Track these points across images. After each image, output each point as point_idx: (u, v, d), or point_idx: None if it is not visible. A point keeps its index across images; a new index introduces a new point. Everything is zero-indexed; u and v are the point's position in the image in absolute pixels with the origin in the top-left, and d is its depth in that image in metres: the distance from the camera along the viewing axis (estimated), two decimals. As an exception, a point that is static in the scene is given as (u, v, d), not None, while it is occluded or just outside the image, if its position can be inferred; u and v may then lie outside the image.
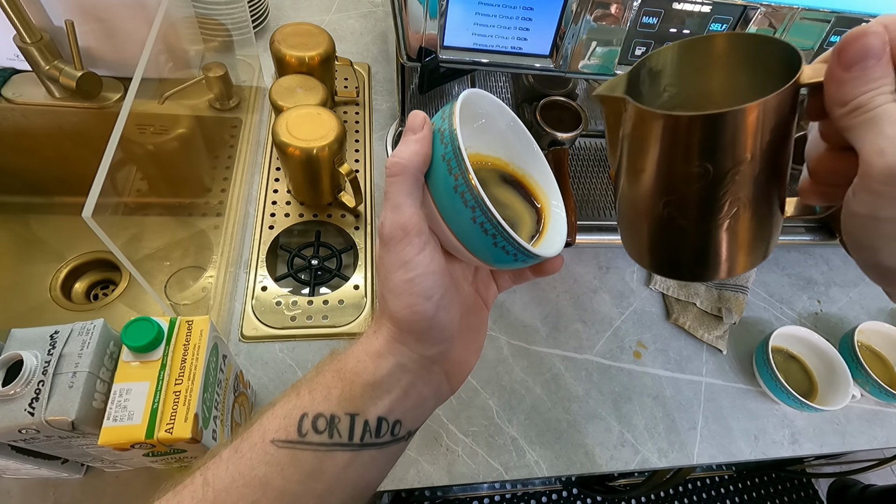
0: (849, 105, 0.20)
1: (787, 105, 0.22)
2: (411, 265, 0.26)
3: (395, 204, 0.26)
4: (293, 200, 0.69)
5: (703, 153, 0.22)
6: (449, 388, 0.31)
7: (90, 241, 0.80)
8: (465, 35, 0.41)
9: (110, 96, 0.73)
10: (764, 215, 0.24)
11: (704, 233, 0.24)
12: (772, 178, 0.23)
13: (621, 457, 0.57)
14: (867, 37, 0.20)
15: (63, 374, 0.35)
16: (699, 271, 0.26)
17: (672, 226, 0.25)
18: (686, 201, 0.24)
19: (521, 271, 0.31)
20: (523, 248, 0.25)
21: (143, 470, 0.49)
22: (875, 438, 0.64)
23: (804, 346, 0.67)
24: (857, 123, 0.20)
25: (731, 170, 0.22)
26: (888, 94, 0.20)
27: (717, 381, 0.65)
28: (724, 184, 0.22)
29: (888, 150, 0.19)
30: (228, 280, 0.61)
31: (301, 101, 0.66)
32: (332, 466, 0.26)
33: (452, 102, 0.26)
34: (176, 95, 0.66)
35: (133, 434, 0.34)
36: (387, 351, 0.27)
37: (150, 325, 0.37)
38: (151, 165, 0.63)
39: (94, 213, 0.33)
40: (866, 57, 0.20)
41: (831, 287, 0.76)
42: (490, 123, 0.30)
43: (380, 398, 0.27)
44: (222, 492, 0.25)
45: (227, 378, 0.44)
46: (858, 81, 0.20)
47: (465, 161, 0.24)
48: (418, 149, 0.25)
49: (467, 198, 0.24)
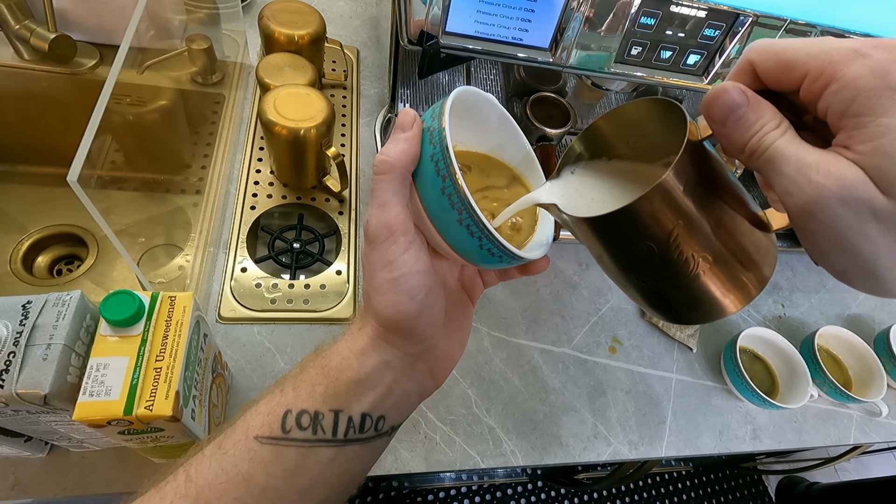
0: (745, 152, 0.20)
1: (689, 164, 0.21)
2: (396, 264, 0.26)
3: (381, 202, 0.26)
4: (276, 182, 0.68)
5: (636, 237, 0.23)
6: (433, 383, 0.31)
7: (56, 214, 0.76)
8: (468, 22, 0.41)
9: (84, 62, 0.69)
10: (738, 248, 0.24)
11: (685, 289, 0.24)
12: (724, 216, 0.23)
13: (594, 448, 0.59)
14: (724, 94, 0.20)
15: (36, 346, 0.33)
16: (707, 316, 0.26)
17: (655, 291, 0.26)
18: (651, 272, 0.24)
19: (507, 270, 0.32)
20: (509, 251, 0.26)
21: (111, 450, 0.47)
22: (828, 436, 0.67)
23: (768, 347, 0.70)
24: (759, 166, 0.20)
25: (670, 237, 0.22)
26: (773, 129, 0.19)
27: (686, 377, 0.67)
28: (671, 250, 0.23)
29: (793, 191, 0.18)
30: (206, 259, 0.59)
31: (289, 80, 0.65)
32: (315, 462, 0.26)
33: (443, 100, 0.26)
34: (156, 66, 0.64)
35: (110, 410, 0.33)
36: (371, 349, 0.28)
37: (131, 299, 0.35)
38: (128, 137, 0.60)
39: (78, 179, 0.31)
40: (731, 110, 0.20)
41: (794, 292, 0.80)
42: (481, 121, 0.30)
43: (364, 395, 0.27)
44: (205, 488, 0.25)
45: (206, 358, 0.43)
46: (739, 131, 0.20)
47: (454, 163, 0.24)
48: (407, 148, 0.25)
49: (454, 200, 0.24)
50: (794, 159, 0.18)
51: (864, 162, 0.17)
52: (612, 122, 0.27)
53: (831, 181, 0.17)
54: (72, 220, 0.77)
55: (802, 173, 0.18)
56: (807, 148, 0.19)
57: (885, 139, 0.17)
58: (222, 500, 0.25)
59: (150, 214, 0.63)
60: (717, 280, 0.24)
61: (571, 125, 0.67)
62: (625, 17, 0.42)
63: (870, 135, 0.17)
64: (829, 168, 0.18)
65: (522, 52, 0.43)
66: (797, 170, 0.18)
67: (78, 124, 0.83)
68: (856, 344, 0.70)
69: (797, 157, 0.18)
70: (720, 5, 0.45)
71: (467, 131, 0.30)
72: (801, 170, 0.18)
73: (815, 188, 0.18)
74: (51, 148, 0.76)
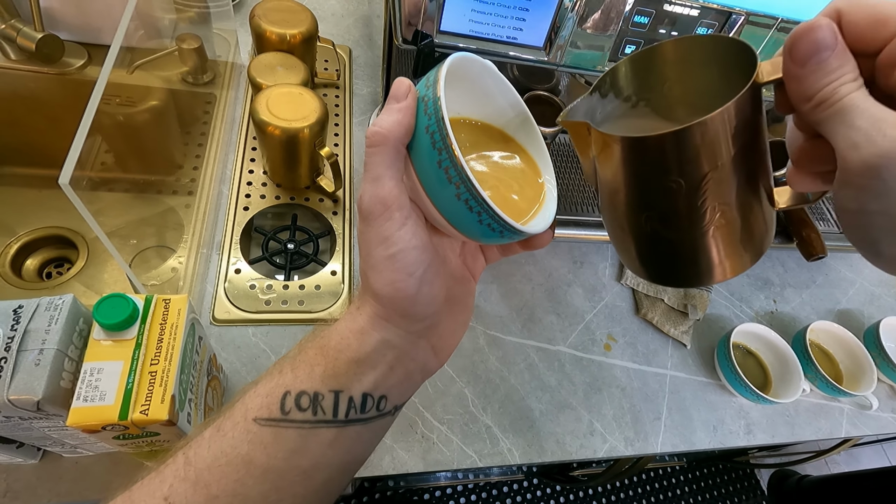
0: (813, 100, 0.19)
1: (748, 107, 0.21)
2: (392, 241, 0.25)
3: (374, 176, 0.24)
4: (269, 182, 0.67)
5: (671, 169, 0.22)
6: (436, 361, 0.30)
7: (45, 216, 0.75)
8: (463, 21, 0.41)
9: (72, 62, 0.68)
10: (750, 214, 0.24)
11: (691, 242, 0.24)
12: (750, 176, 0.23)
13: (590, 445, 0.59)
14: (816, 31, 0.19)
15: (28, 352, 0.32)
16: (695, 279, 0.26)
17: (658, 239, 0.25)
18: (666, 215, 0.24)
19: (509, 245, 0.30)
20: (510, 226, 0.24)
21: (105, 455, 0.47)
22: (820, 430, 0.68)
23: (761, 343, 0.70)
24: (825, 117, 0.19)
25: (704, 180, 0.22)
26: (850, 81, 0.19)
27: (680, 374, 0.67)
28: (699, 194, 0.22)
29: (861, 143, 0.18)
30: (200, 261, 0.58)
31: (281, 79, 0.64)
32: (316, 443, 0.26)
33: (438, 67, 0.24)
34: (146, 66, 0.63)
35: (105, 415, 0.32)
36: (371, 328, 0.27)
37: (125, 303, 0.35)
38: (118, 138, 0.59)
39: (70, 181, 0.31)
40: (818, 51, 0.19)
41: (786, 288, 0.80)
42: (478, 87, 0.28)
43: (364, 374, 0.27)
44: (205, 470, 0.24)
45: (202, 360, 0.43)
46: (817, 76, 0.19)
47: (450, 135, 0.22)
48: (401, 118, 0.24)
49: (451, 174, 0.23)
50: (869, 113, 0.18)
51: None
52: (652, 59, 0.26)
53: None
54: (61, 223, 0.76)
55: (877, 126, 0.18)
56: (880, 105, 0.18)
57: None
58: (222, 482, 0.24)
59: (142, 216, 0.62)
60: (723, 240, 0.24)
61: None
62: (618, 16, 0.42)
63: None
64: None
65: (517, 51, 0.43)
66: (871, 123, 0.18)
67: (66, 125, 0.82)
68: (846, 339, 0.71)
69: (871, 111, 0.18)
70: (712, 4, 0.45)
71: (463, 99, 0.28)
72: (875, 123, 0.18)
73: (890, 141, 0.17)
74: (38, 149, 0.75)
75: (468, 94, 0.28)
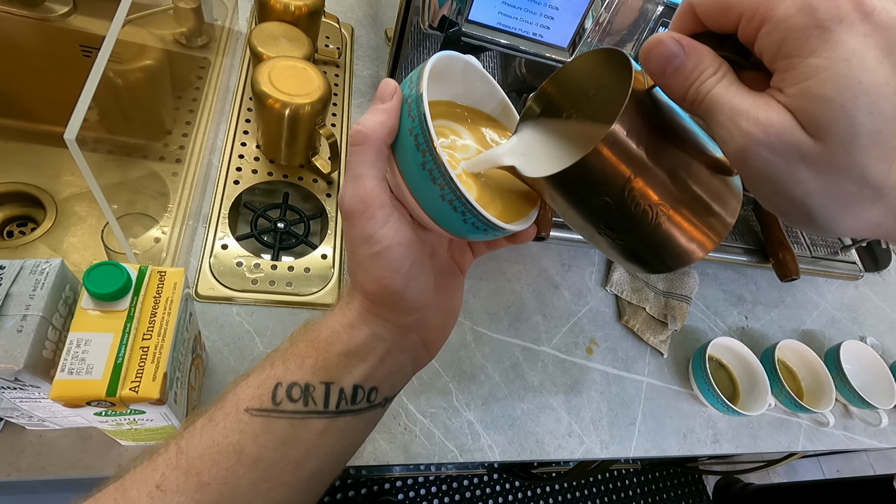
0: (685, 101, 0.20)
1: (640, 111, 0.21)
2: (376, 238, 0.25)
3: (355, 175, 0.25)
4: (262, 157, 0.65)
5: (592, 191, 0.22)
6: (427, 353, 0.31)
7: (10, 171, 0.70)
8: (492, 13, 0.40)
9: (55, 8, 0.64)
10: (698, 196, 0.24)
11: (647, 240, 0.24)
12: (681, 165, 0.23)
13: (568, 446, 0.60)
14: (659, 45, 0.20)
15: (10, 317, 0.30)
16: (673, 263, 0.26)
17: (618, 245, 0.25)
18: (611, 226, 0.24)
19: (494, 240, 0.31)
20: (494, 224, 0.25)
21: (73, 431, 0.44)
22: (780, 443, 0.71)
23: (733, 356, 0.73)
24: (702, 114, 0.20)
25: (624, 191, 0.22)
26: (711, 76, 0.19)
27: (656, 381, 0.69)
28: (628, 203, 0.22)
29: (726, 139, 0.18)
30: (185, 233, 0.56)
31: (284, 51, 0.62)
32: (307, 433, 0.26)
33: (421, 67, 0.24)
34: (139, 22, 0.59)
35: (91, 389, 0.30)
36: (360, 322, 0.27)
37: (118, 272, 0.33)
38: (106, 96, 0.56)
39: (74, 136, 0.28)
40: (668, 60, 0.20)
41: (757, 305, 0.84)
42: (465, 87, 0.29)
43: (355, 366, 0.27)
44: (196, 459, 0.25)
45: (189, 338, 0.41)
46: (677, 80, 0.20)
47: (433, 138, 0.23)
48: (384, 119, 0.24)
49: (435, 175, 0.23)
50: (728, 107, 0.18)
51: (793, 105, 0.17)
52: (566, 78, 0.27)
53: (758, 128, 0.17)
54: (27, 179, 0.71)
55: (733, 121, 0.18)
56: (742, 94, 0.18)
57: (812, 80, 0.16)
58: (213, 470, 0.24)
59: (125, 179, 0.59)
60: (679, 228, 0.24)
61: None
62: (645, 22, 0.42)
63: (798, 76, 0.17)
64: (757, 115, 0.18)
65: (539, 48, 0.43)
66: (729, 118, 0.18)
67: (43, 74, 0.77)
68: (810, 358, 0.75)
69: (731, 104, 0.18)
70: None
71: (446, 96, 0.28)
72: (732, 118, 0.18)
73: (744, 136, 0.18)
74: (9, 98, 0.70)
75: (449, 90, 0.28)
